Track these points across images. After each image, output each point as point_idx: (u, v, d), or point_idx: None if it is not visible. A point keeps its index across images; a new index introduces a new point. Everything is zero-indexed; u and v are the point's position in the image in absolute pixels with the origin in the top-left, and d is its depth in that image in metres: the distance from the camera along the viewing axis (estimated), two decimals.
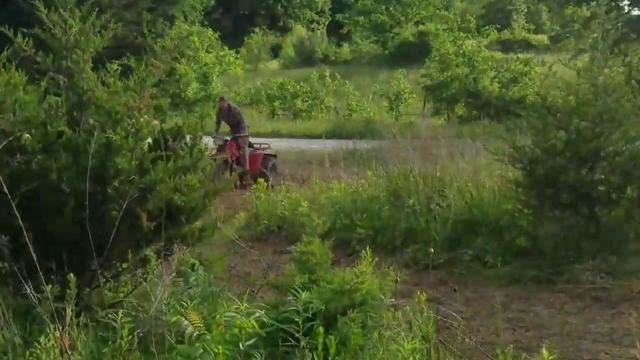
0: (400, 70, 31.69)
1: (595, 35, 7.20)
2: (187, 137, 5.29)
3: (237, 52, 45.06)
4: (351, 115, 28.32)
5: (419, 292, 4.18)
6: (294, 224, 8.61)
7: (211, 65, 33.46)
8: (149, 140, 5.12)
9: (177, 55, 33.00)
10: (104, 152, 4.64)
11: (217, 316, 3.53)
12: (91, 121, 4.84)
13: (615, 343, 4.90)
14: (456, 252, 7.23)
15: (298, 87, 30.17)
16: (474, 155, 8.91)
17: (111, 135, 4.55)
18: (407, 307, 4.10)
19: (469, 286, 6.56)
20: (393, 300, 4.22)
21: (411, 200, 7.88)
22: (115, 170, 4.61)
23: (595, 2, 28.38)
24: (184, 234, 5.04)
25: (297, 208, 8.74)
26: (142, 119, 4.80)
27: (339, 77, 32.28)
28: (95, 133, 4.55)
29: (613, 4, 28.12)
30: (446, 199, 7.82)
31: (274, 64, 48.93)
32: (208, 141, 5.42)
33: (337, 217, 8.37)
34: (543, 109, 6.75)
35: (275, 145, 22.39)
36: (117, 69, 5.25)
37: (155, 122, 5.26)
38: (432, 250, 5.61)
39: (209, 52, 38.28)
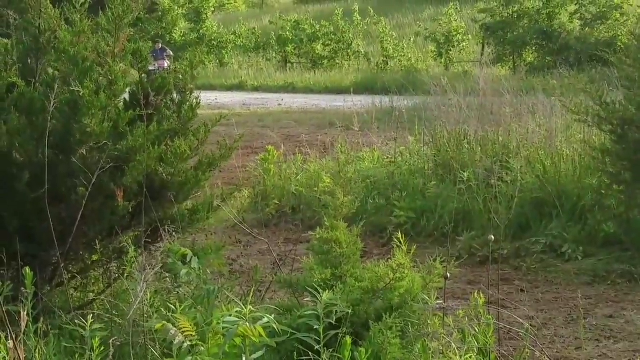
0: (452, 4, 31.47)
1: None
2: (174, 92, 5.32)
3: None
4: (387, 64, 28.27)
5: (475, 293, 4.17)
6: (312, 205, 8.64)
7: None
8: (126, 95, 5.15)
9: None
10: (68, 111, 4.68)
11: (214, 322, 3.55)
12: (51, 71, 4.88)
13: None
14: (524, 242, 7.23)
15: (318, 26, 30.09)
16: (548, 115, 8.84)
17: (77, 89, 4.57)
18: (460, 311, 4.09)
19: (540, 285, 6.58)
20: (441, 302, 4.24)
21: (465, 174, 7.87)
22: (82, 134, 4.64)
23: None
24: (171, 216, 5.07)
25: (317, 184, 8.75)
26: (117, 68, 4.82)
27: (371, 13, 32.09)
28: (56, 86, 4.58)
29: None
30: (511, 172, 7.80)
31: None
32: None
33: (369, 195, 8.39)
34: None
35: (289, 102, 22.54)
36: (85, 2, 5.27)
37: (133, 71, 5.29)
38: (493, 238, 5.57)
39: None
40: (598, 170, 7.22)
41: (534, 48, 27.60)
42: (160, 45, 26.94)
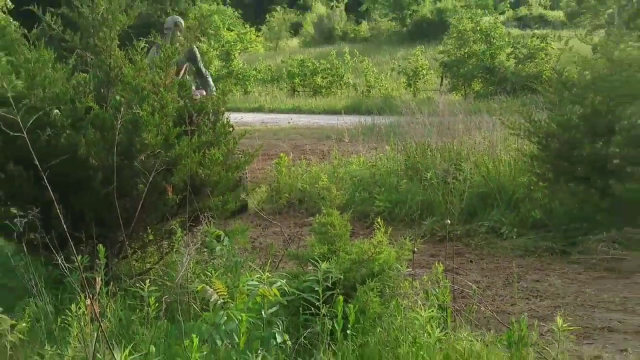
0: (418, 47, 31.40)
1: (610, 10, 7.07)
2: (211, 113, 5.31)
3: (258, 30, 44.86)
4: (370, 92, 28.11)
5: (436, 263, 4.18)
6: (313, 198, 8.62)
7: (232, 43, 33.33)
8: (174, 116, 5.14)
9: (199, 35, 33.03)
10: (131, 128, 4.67)
11: (241, 285, 3.55)
12: (118, 97, 4.87)
13: (628, 312, 4.87)
14: (472, 225, 7.20)
15: (318, 64, 30.01)
16: (491, 129, 8.83)
17: (138, 112, 4.57)
18: (425, 276, 4.09)
19: (484, 257, 6.54)
20: (410, 270, 4.23)
21: (428, 174, 7.85)
22: (141, 145, 4.65)
23: None
24: (208, 206, 5.07)
25: (317, 182, 8.73)
26: (167, 96, 4.81)
27: (357, 54, 32.04)
28: (122, 109, 4.58)
29: None
30: (463, 172, 7.77)
31: (294, 42, 48.66)
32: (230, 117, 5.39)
33: (355, 190, 8.37)
34: (559, 84, 6.66)
35: (296, 121, 22.46)
36: (144, 46, 5.28)
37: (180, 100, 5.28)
38: (449, 222, 5.58)
39: (231, 30, 38.18)
40: (528, 171, 7.19)
41: (480, 80, 27.41)
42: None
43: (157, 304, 3.73)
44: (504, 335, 3.72)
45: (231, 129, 5.14)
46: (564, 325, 3.38)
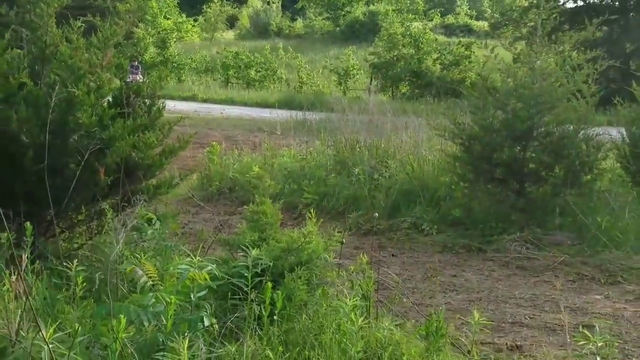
0: (350, 47, 31.64)
1: (532, 24, 7.30)
2: (147, 97, 5.18)
3: (195, 21, 44.15)
4: (302, 88, 28.15)
5: (361, 255, 4.21)
6: (244, 187, 8.56)
7: (169, 31, 32.69)
8: (109, 97, 5.00)
9: (136, 19, 32.22)
10: (65, 107, 4.51)
11: (171, 268, 3.48)
12: (53, 76, 4.69)
13: (537, 308, 5.04)
14: (395, 220, 7.28)
15: (252, 57, 29.80)
16: (417, 130, 8.98)
17: (73, 90, 4.41)
18: (351, 267, 4.12)
19: (406, 252, 6.63)
20: (337, 259, 4.25)
21: (356, 170, 7.91)
22: (75, 124, 4.49)
23: None
24: (140, 189, 4.95)
25: (248, 172, 8.67)
26: (103, 76, 4.67)
27: (291, 50, 32.00)
28: (57, 87, 4.41)
29: None
30: (389, 169, 7.89)
31: (230, 34, 48.13)
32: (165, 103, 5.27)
33: (286, 182, 8.35)
34: (484, 89, 6.83)
35: (229, 112, 22.23)
36: (81, 26, 5.09)
37: (116, 80, 5.14)
38: (377, 215, 5.64)
39: (168, 19, 37.43)
40: (450, 171, 7.33)
41: (407, 83, 27.93)
42: (136, 63, 26.26)
43: (84, 284, 3.61)
44: (422, 326, 3.79)
45: (159, 114, 5.01)
46: (479, 318, 3.47)
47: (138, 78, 25.01)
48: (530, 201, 6.65)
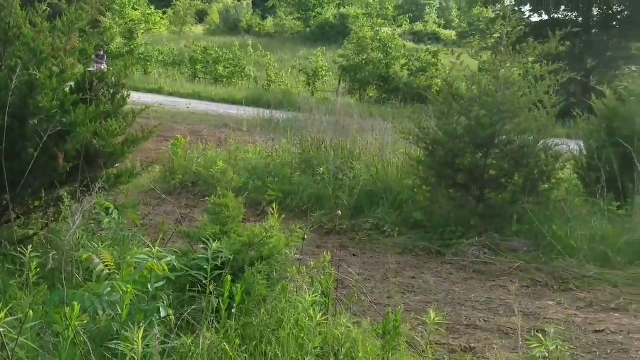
0: (320, 48, 31.67)
1: (498, 35, 7.40)
2: (111, 84, 5.09)
3: (164, 13, 43.69)
4: (270, 86, 28.06)
5: (323, 253, 4.20)
6: (208, 181, 8.50)
7: (137, 22, 32.26)
8: (72, 83, 4.90)
9: (103, 8, 31.74)
10: (26, 90, 4.41)
11: (129, 257, 3.42)
12: (15, 58, 4.58)
13: (491, 312, 5.11)
14: (358, 220, 7.30)
15: (221, 52, 29.60)
16: (383, 132, 9.01)
17: (35, 73, 4.31)
18: (311, 263, 4.10)
19: (367, 252, 6.66)
20: (299, 256, 4.24)
21: (321, 169, 7.91)
22: (35, 108, 4.39)
23: (500, 5, 29.30)
24: (100, 177, 4.85)
25: (212, 166, 8.61)
26: (67, 61, 4.57)
27: (261, 48, 31.90)
28: (18, 70, 4.30)
29: (516, 9, 29.10)
30: (354, 170, 7.90)
31: (199, 29, 47.76)
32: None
33: (250, 178, 8.30)
34: (449, 95, 6.90)
35: (195, 106, 22.05)
36: (46, 9, 5.00)
37: (80, 66, 5.04)
38: (340, 214, 5.65)
39: (136, 10, 36.98)
40: (413, 174, 7.38)
41: (374, 86, 28.07)
42: (102, 52, 25.87)
43: (37, 270, 3.52)
44: (379, 324, 3.80)
45: (123, 102, 4.93)
46: (435, 319, 3.49)
47: (103, 67, 24.67)
48: (490, 207, 6.73)
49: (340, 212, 7.38)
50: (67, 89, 4.85)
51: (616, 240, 6.20)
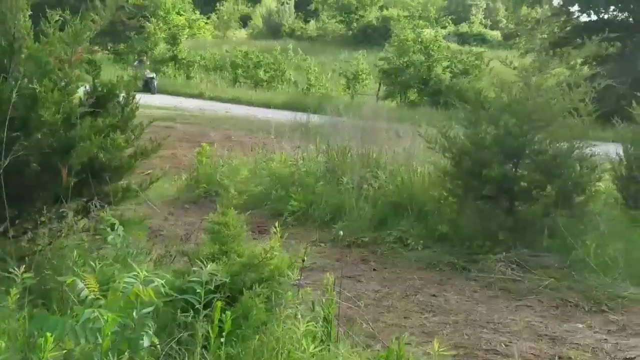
0: (360, 51, 31.40)
1: (544, 36, 7.06)
2: (122, 96, 4.98)
3: (208, 18, 44.05)
4: (310, 90, 27.92)
5: (327, 275, 3.97)
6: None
7: (181, 27, 32.55)
8: (80, 94, 4.80)
9: (148, 14, 32.10)
10: (30, 103, 4.31)
11: (117, 281, 3.26)
12: (21, 70, 4.50)
13: (514, 335, 4.79)
14: (381, 232, 7.05)
15: (262, 57, 29.60)
16: (413, 139, 8.71)
17: (35, 87, 4.21)
18: (308, 289, 3.88)
19: (388, 266, 6.39)
20: (299, 278, 4.02)
21: (344, 178, 7.68)
22: (38, 121, 4.29)
23: (547, 5, 28.53)
24: (106, 192, 4.74)
25: (236, 175, 8.46)
26: (72, 73, 4.46)
27: (300, 52, 31.81)
28: (19, 82, 4.21)
29: (563, 9, 28.28)
30: (378, 180, 7.65)
31: (242, 33, 47.99)
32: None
33: (273, 187, 8.13)
34: (477, 103, 6.59)
35: (233, 111, 22.08)
36: (58, 20, 4.89)
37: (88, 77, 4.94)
38: (342, 234, 5.39)
39: (181, 15, 37.35)
40: (440, 185, 7.08)
41: (415, 89, 27.66)
42: (144, 58, 26.20)
43: (27, 290, 3.40)
44: (383, 353, 3.55)
45: (132, 114, 4.80)
46: (441, 349, 3.22)
47: (146, 73, 24.93)
48: (519, 220, 6.38)
49: (363, 224, 7.19)
50: (76, 101, 4.75)
51: None
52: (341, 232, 5.10)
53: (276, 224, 4.02)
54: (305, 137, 10.41)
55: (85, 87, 4.77)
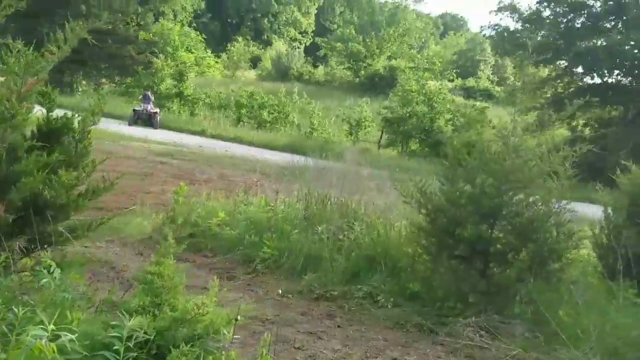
0: (365, 98, 31.47)
1: (548, 95, 6.84)
2: (77, 131, 4.77)
3: (218, 57, 44.44)
4: (312, 134, 27.88)
5: (266, 335, 3.68)
6: (205, 234, 8.09)
7: (188, 64, 32.76)
8: (33, 128, 4.60)
9: (156, 50, 32.37)
10: None
11: (23, 335, 2.99)
12: None
13: None
14: (352, 286, 6.72)
15: (267, 98, 29.67)
16: (390, 192, 8.45)
17: None
18: (232, 353, 3.57)
19: (354, 324, 6.04)
20: (237, 336, 3.74)
21: (320, 228, 7.40)
22: None
23: (552, 65, 28.52)
24: (48, 231, 4.49)
25: (213, 217, 8.22)
26: (19, 105, 4.26)
27: (305, 95, 31.89)
28: None
29: (568, 71, 28.30)
30: (354, 231, 7.37)
31: (252, 74, 48.37)
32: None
33: (247, 232, 7.85)
34: (454, 160, 6.35)
35: (233, 150, 21.96)
36: (19, 49, 4.72)
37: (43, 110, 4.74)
38: (281, 291, 5.07)
39: (191, 52, 37.67)
40: (414, 241, 6.78)
41: (417, 140, 27.59)
42: (149, 93, 26.21)
43: None
44: None
45: (85, 151, 4.59)
46: None
47: (149, 108, 24.92)
48: (493, 284, 6.07)
49: (335, 276, 6.89)
50: (28, 134, 4.55)
51: (628, 332, 5.46)
52: (280, 291, 4.80)
53: (215, 280, 3.76)
54: (294, 181, 10.18)
55: (33, 130, 4.57)
